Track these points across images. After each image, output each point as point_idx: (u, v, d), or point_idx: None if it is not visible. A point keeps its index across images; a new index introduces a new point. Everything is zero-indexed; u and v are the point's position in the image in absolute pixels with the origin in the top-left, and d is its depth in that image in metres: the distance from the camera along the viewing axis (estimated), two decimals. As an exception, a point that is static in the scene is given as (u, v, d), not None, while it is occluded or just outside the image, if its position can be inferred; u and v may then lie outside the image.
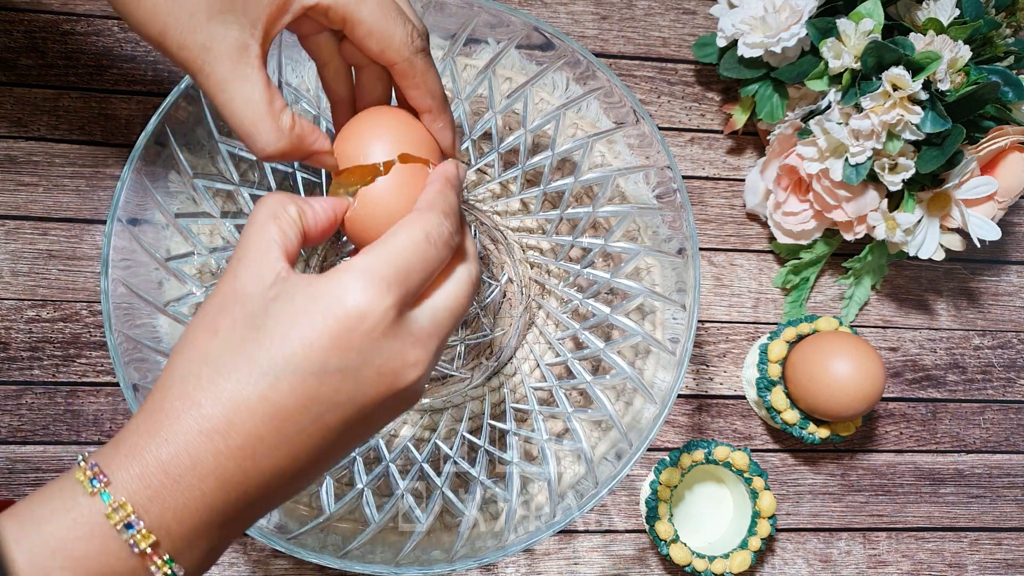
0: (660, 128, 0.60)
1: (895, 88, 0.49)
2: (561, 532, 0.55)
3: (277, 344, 0.28)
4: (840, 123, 0.51)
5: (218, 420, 0.28)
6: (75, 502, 0.27)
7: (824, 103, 0.53)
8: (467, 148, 0.52)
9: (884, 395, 0.60)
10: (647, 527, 0.54)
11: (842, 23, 0.51)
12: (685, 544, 0.52)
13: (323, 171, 0.52)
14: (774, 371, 0.54)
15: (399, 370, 0.30)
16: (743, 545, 0.53)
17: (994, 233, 0.53)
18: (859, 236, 0.55)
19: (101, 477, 0.27)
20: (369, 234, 0.34)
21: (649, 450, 0.56)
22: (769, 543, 0.57)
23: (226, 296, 0.29)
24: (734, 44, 0.56)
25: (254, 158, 0.50)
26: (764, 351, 0.55)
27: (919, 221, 0.54)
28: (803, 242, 0.57)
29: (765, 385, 0.55)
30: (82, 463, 0.27)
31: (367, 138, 0.35)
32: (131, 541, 0.26)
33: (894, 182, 0.51)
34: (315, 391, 0.28)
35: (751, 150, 0.61)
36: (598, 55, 0.60)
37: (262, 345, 0.28)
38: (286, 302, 0.29)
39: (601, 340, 0.50)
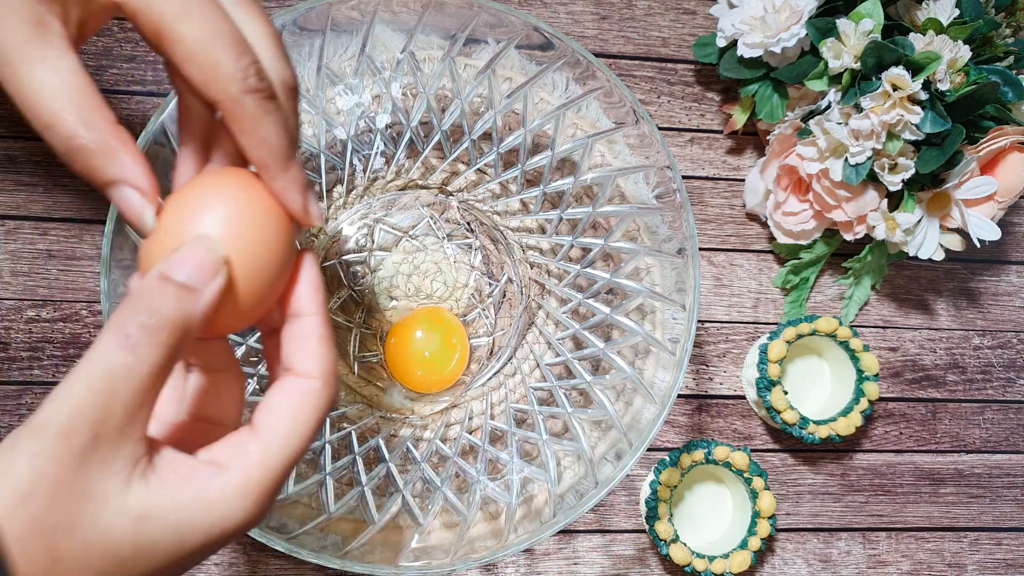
0: (660, 128, 0.60)
1: (895, 88, 0.49)
2: (561, 532, 0.55)
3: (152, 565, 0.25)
4: (840, 123, 0.51)
5: None
6: None
7: (824, 103, 0.53)
8: (467, 148, 0.52)
9: (884, 395, 0.60)
10: (647, 527, 0.54)
11: (842, 23, 0.51)
12: (685, 544, 0.52)
13: (321, 170, 0.52)
14: (774, 371, 0.54)
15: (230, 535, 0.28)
16: (743, 545, 0.53)
17: (994, 233, 0.54)
18: (859, 236, 0.55)
19: None
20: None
21: (649, 450, 0.56)
22: (769, 543, 0.57)
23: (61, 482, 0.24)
24: (734, 44, 0.56)
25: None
26: (764, 351, 0.55)
27: (919, 221, 0.54)
28: (803, 242, 0.57)
29: (765, 385, 0.55)
30: None
31: (195, 208, 0.27)
32: None
33: (894, 182, 0.51)
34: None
35: (751, 150, 0.61)
36: (598, 55, 0.60)
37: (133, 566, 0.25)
38: (159, 528, 0.25)
39: (601, 340, 0.50)
